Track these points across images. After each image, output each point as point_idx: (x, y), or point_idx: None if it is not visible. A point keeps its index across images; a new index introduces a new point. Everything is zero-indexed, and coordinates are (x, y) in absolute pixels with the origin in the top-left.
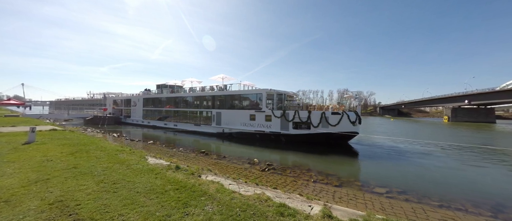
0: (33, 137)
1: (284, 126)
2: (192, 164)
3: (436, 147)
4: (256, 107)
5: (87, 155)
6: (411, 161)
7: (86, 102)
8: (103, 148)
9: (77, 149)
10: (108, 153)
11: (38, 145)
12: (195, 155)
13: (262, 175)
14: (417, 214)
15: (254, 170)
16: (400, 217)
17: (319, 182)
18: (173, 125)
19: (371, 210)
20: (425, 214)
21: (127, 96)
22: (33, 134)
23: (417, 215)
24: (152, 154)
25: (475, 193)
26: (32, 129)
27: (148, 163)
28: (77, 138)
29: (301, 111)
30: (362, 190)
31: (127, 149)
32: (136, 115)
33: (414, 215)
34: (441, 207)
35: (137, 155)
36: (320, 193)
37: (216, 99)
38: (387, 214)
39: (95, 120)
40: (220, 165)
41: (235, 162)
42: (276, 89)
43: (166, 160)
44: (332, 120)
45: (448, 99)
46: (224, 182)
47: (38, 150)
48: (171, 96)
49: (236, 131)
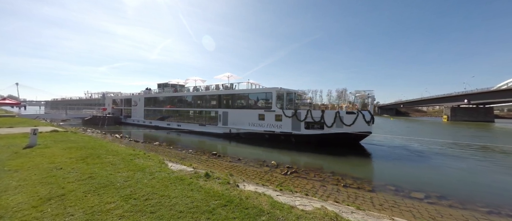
0: (34, 140)
1: (295, 126)
2: (213, 169)
3: (449, 146)
4: (265, 106)
5: (100, 161)
6: (431, 162)
7: (84, 102)
8: (115, 152)
9: (86, 154)
10: (122, 158)
11: (42, 149)
12: (207, 157)
13: (287, 180)
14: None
15: (275, 174)
16: None
17: (350, 187)
18: (177, 125)
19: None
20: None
21: (127, 95)
22: (34, 136)
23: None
24: (167, 158)
25: None
26: (34, 131)
27: (171, 169)
28: (82, 140)
29: (313, 110)
30: (398, 195)
31: (141, 153)
32: (137, 115)
33: None
34: (490, 213)
35: (154, 160)
36: (356, 200)
37: (223, 98)
38: None
39: (94, 120)
40: (237, 168)
41: (252, 165)
42: (285, 88)
43: (187, 165)
44: (347, 119)
45: (448, 99)
46: (270, 193)
47: (43, 155)
48: (175, 96)
49: (244, 131)
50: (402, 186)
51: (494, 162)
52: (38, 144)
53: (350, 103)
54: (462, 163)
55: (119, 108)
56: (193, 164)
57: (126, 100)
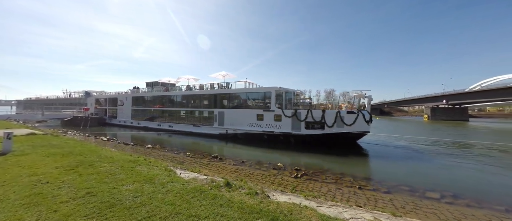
0: (9, 146)
1: (295, 126)
2: (224, 175)
3: (437, 143)
4: (264, 106)
5: (95, 170)
6: (430, 160)
7: (62, 101)
8: (109, 159)
9: (76, 161)
10: (121, 165)
11: (18, 156)
12: (208, 160)
13: (299, 183)
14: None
15: (285, 176)
16: None
17: (365, 189)
18: (168, 126)
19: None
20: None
21: (113, 94)
22: (8, 141)
23: None
24: (169, 163)
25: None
26: (7, 134)
27: (183, 178)
28: (66, 144)
29: (314, 110)
30: (414, 196)
31: (141, 159)
32: (123, 115)
33: None
34: (508, 212)
35: (159, 167)
36: (377, 203)
37: (219, 98)
38: None
39: (75, 121)
40: (244, 172)
41: (258, 167)
42: (284, 88)
43: (198, 172)
44: (348, 119)
45: (428, 99)
46: (309, 204)
47: (22, 165)
48: (166, 95)
49: (242, 132)
50: (413, 186)
51: (491, 160)
52: (13, 150)
53: (349, 103)
54: (460, 161)
55: (103, 108)
56: (202, 170)
57: (111, 99)
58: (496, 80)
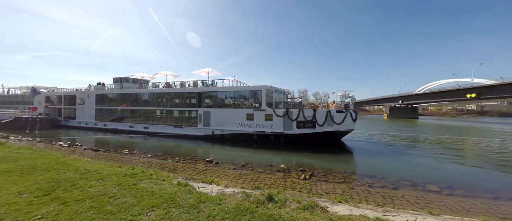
0: None
1: (287, 126)
2: (226, 182)
3: (405, 139)
4: (254, 105)
5: (84, 193)
6: (406, 154)
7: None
8: (94, 173)
9: (47, 181)
10: (118, 183)
11: None
12: (204, 166)
13: (312, 185)
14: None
15: (294, 179)
16: None
17: (374, 187)
18: (143, 128)
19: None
20: None
21: (69, 91)
22: None
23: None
24: (171, 175)
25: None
26: None
27: (209, 194)
28: (20, 155)
29: (305, 109)
30: (418, 190)
31: (137, 171)
32: (84, 116)
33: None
34: (497, 199)
35: (167, 180)
36: (393, 201)
37: (204, 96)
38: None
39: (18, 123)
40: (249, 177)
41: (262, 171)
42: (275, 87)
43: (216, 184)
44: (337, 118)
45: (387, 100)
46: (371, 214)
47: None
48: (142, 92)
49: (230, 132)
50: (411, 180)
51: (452, 152)
52: None
53: (334, 102)
54: (431, 153)
55: (55, 108)
56: (220, 181)
57: (67, 97)
58: (436, 84)
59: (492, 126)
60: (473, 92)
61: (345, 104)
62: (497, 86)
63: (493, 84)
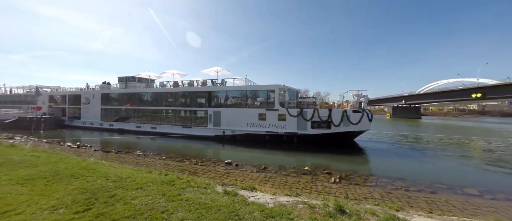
0: None
1: (301, 126)
2: (250, 184)
3: (415, 139)
4: (266, 105)
5: (130, 209)
6: (423, 155)
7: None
8: (129, 181)
9: (79, 192)
10: (161, 192)
11: None
12: (224, 168)
13: (346, 189)
14: None
15: (325, 183)
16: None
17: (411, 191)
18: (151, 128)
19: None
20: None
21: (74, 91)
22: None
23: None
24: (210, 181)
25: None
26: None
27: (267, 206)
28: (38, 159)
29: (320, 109)
30: (458, 194)
31: (173, 177)
32: (89, 116)
33: None
34: None
35: (210, 188)
36: (440, 206)
37: (214, 95)
38: None
39: (22, 123)
40: (276, 180)
41: (287, 174)
42: (288, 86)
43: (262, 191)
44: (354, 118)
45: (390, 100)
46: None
47: None
48: (149, 92)
49: (241, 132)
50: (446, 183)
51: (467, 152)
52: None
53: (347, 102)
54: (451, 155)
55: (59, 107)
56: (263, 188)
57: (72, 96)
58: (439, 84)
59: (499, 126)
60: (478, 92)
61: (358, 103)
62: (503, 86)
63: (498, 84)
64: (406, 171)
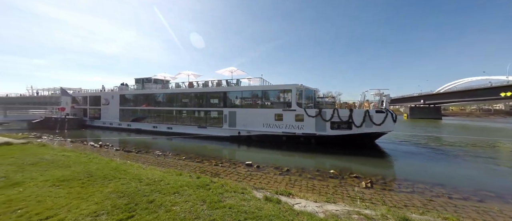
0: None
1: (319, 127)
2: (277, 188)
3: (440, 140)
4: (283, 105)
5: (174, 217)
6: (451, 159)
7: (26, 100)
8: (163, 184)
9: (117, 195)
10: (200, 198)
11: (5, 188)
12: (246, 170)
13: (382, 197)
14: None
15: (356, 187)
16: None
17: (455, 199)
18: (167, 128)
19: None
20: None
21: (94, 92)
22: None
23: None
24: (245, 185)
25: None
26: None
27: (310, 212)
28: (69, 159)
29: (340, 109)
30: (509, 203)
31: (206, 180)
32: (108, 116)
33: None
34: None
35: (247, 193)
36: (493, 218)
37: (229, 96)
38: None
39: (48, 123)
40: (301, 184)
41: (312, 177)
42: (305, 85)
43: (300, 197)
44: (377, 119)
45: (407, 99)
46: None
47: (22, 210)
48: (166, 92)
49: (257, 133)
50: (492, 189)
51: None
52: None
53: (368, 102)
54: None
55: (81, 108)
56: (299, 193)
57: (92, 97)
58: (462, 83)
59: None
60: (508, 90)
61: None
62: None
63: None
64: (440, 176)
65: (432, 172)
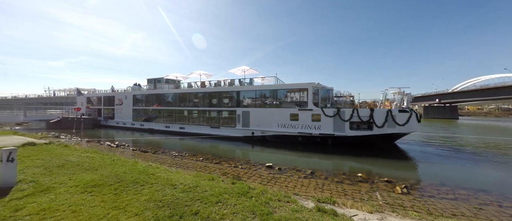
0: (11, 173)
1: (338, 127)
2: (306, 193)
3: (461, 142)
4: (299, 104)
5: None
6: (477, 160)
7: (44, 100)
8: (201, 191)
9: (157, 206)
10: (250, 211)
11: (35, 196)
12: (268, 172)
13: (425, 204)
14: None
15: (390, 193)
16: None
17: (506, 207)
18: (179, 128)
19: None
20: None
21: (107, 92)
22: (11, 165)
23: None
24: (276, 191)
25: None
26: (9, 153)
27: None
28: (93, 161)
29: (361, 109)
30: None
31: (243, 187)
32: (122, 116)
33: None
34: None
35: (291, 201)
36: None
37: (243, 95)
38: None
39: (65, 123)
40: (333, 188)
41: (340, 180)
42: (321, 84)
43: (368, 209)
44: (400, 118)
45: (421, 98)
46: None
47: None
48: (179, 92)
49: (271, 133)
50: None
51: None
52: (19, 179)
53: (388, 101)
54: None
55: (96, 108)
56: (345, 201)
57: (106, 98)
58: (479, 80)
59: None
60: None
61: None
62: None
63: None
64: (478, 181)
65: (467, 177)
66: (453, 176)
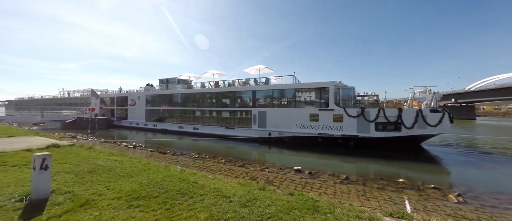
0: (46, 183)
1: (362, 128)
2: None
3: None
4: (319, 104)
5: None
6: None
7: (59, 101)
8: (266, 205)
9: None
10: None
11: (75, 213)
12: (298, 176)
13: (493, 217)
14: None
15: (445, 202)
16: None
17: None
18: (193, 129)
19: None
20: None
21: (121, 93)
22: (45, 173)
23: None
24: (331, 201)
25: None
26: (42, 160)
27: None
28: (120, 164)
29: (387, 109)
30: None
31: (308, 200)
32: (135, 117)
33: None
34: None
35: (373, 217)
36: None
37: (259, 95)
38: None
39: (80, 123)
40: (374, 195)
41: (378, 186)
42: (343, 83)
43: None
44: (431, 119)
45: None
46: None
47: None
48: (193, 92)
49: (290, 134)
50: None
51: None
52: (53, 189)
53: (416, 100)
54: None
55: (109, 108)
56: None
57: (120, 98)
58: (496, 79)
59: None
60: None
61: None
62: None
63: None
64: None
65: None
66: (503, 183)
